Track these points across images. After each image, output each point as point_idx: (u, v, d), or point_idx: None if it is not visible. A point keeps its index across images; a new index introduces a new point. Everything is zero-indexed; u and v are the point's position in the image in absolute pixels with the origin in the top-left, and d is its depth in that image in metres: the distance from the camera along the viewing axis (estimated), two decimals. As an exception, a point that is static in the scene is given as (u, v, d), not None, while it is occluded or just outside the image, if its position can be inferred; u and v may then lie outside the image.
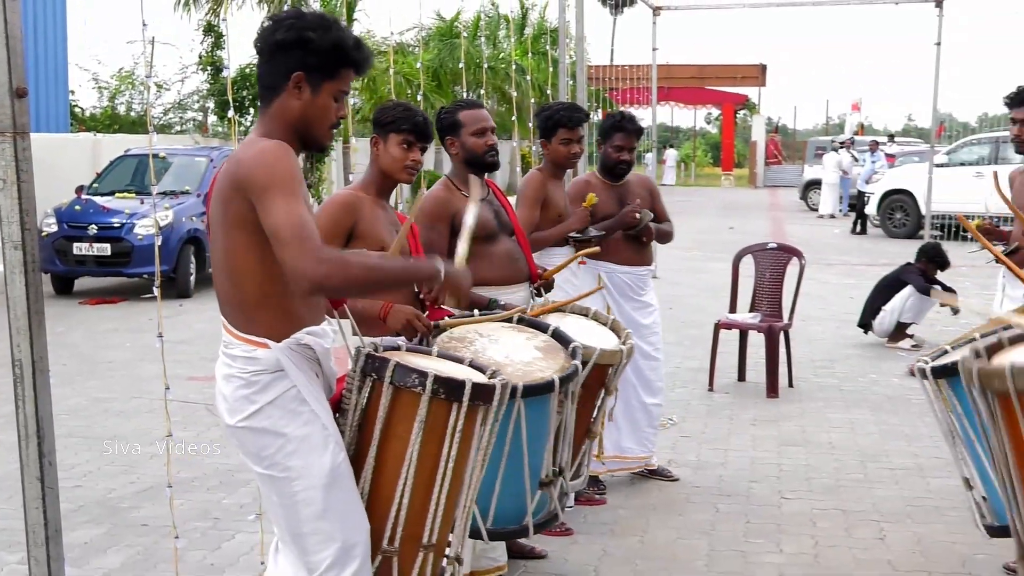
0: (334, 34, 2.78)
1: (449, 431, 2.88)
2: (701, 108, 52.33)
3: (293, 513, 2.80)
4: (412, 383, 2.81)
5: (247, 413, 2.78)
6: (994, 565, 4.64)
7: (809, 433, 6.93)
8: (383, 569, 2.92)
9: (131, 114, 27.30)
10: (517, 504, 3.81)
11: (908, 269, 9.76)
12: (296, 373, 2.77)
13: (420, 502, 2.91)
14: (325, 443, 2.79)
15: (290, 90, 2.79)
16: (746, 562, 4.77)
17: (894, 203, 21.29)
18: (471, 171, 4.51)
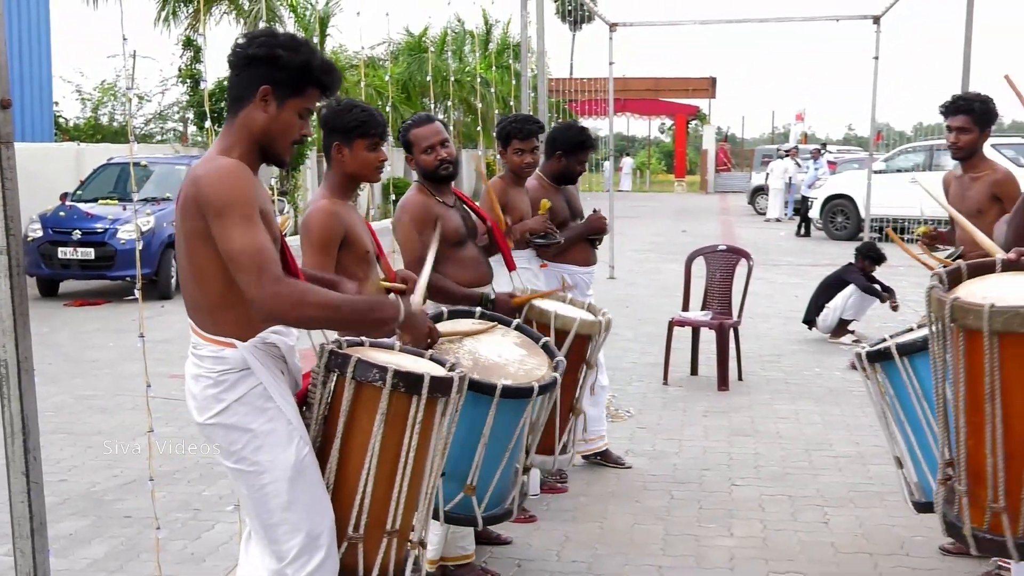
0: (303, 54, 2.78)
1: (410, 423, 2.88)
2: (655, 119, 52.68)
3: (261, 505, 2.80)
4: (373, 378, 2.82)
5: (215, 411, 2.77)
6: (931, 547, 4.69)
7: (758, 423, 6.97)
8: (349, 554, 2.93)
9: (113, 124, 26.99)
10: (505, 490, 3.87)
11: (849, 269, 9.84)
12: (262, 371, 2.77)
13: (383, 491, 2.91)
14: (290, 438, 2.79)
15: (257, 102, 2.77)
16: (699, 545, 4.79)
17: (836, 207, 21.46)
18: (430, 184, 4.49)
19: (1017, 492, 2.70)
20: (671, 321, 8.34)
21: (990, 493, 2.73)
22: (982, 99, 4.97)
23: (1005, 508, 2.71)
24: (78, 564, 4.59)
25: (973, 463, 2.76)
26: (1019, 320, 2.58)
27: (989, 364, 2.65)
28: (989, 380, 2.66)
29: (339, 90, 3.02)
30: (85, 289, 13.73)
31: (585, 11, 13.33)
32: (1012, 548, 2.72)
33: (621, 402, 7.32)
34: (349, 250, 3.67)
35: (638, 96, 42.11)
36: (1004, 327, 2.61)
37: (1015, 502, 2.70)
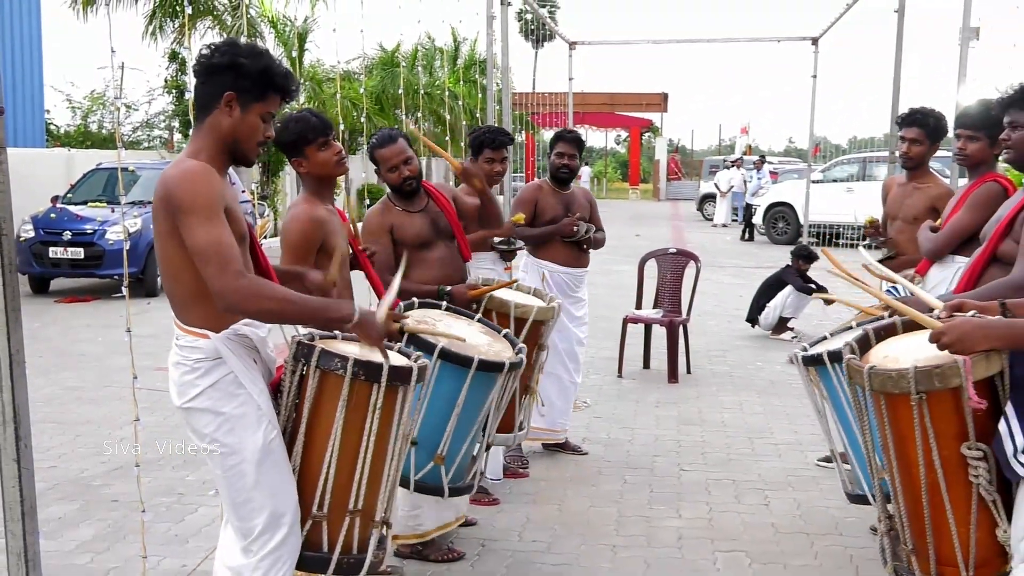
0: (264, 61, 2.80)
1: (370, 409, 2.90)
2: (611, 131, 52.80)
3: (230, 484, 2.83)
4: (335, 367, 2.84)
5: (191, 395, 2.79)
6: (862, 526, 4.73)
7: (704, 413, 7.01)
8: (314, 532, 2.94)
9: (102, 131, 26.63)
10: (466, 465, 3.93)
11: (788, 271, 9.92)
12: (233, 360, 2.78)
13: (346, 473, 2.92)
14: (259, 422, 2.81)
15: (222, 108, 2.79)
16: (650, 526, 4.81)
17: (777, 214, 21.65)
18: (397, 195, 4.51)
19: (923, 535, 2.69)
20: (625, 318, 8.38)
21: (900, 533, 2.74)
22: (936, 115, 4.97)
23: (913, 549, 2.73)
24: (67, 546, 4.53)
25: (913, 518, 2.73)
26: (891, 383, 2.58)
27: (880, 418, 2.65)
28: (881, 433, 2.67)
29: (317, 102, 3.03)
30: (75, 287, 13.57)
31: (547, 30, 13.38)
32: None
33: (579, 393, 7.31)
34: (326, 254, 3.64)
35: (596, 110, 42.16)
36: (880, 388, 2.61)
37: (922, 544, 2.70)
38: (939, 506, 2.63)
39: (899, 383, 2.56)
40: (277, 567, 2.84)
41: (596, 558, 4.41)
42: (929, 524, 2.66)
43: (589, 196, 6.09)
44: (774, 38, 12.99)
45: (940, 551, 2.67)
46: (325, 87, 23.03)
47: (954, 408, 2.54)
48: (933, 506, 2.64)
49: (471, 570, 4.27)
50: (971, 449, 2.55)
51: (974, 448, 2.54)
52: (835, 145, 31.58)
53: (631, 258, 10.03)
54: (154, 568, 4.16)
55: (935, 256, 4.37)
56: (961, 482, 2.59)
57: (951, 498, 2.61)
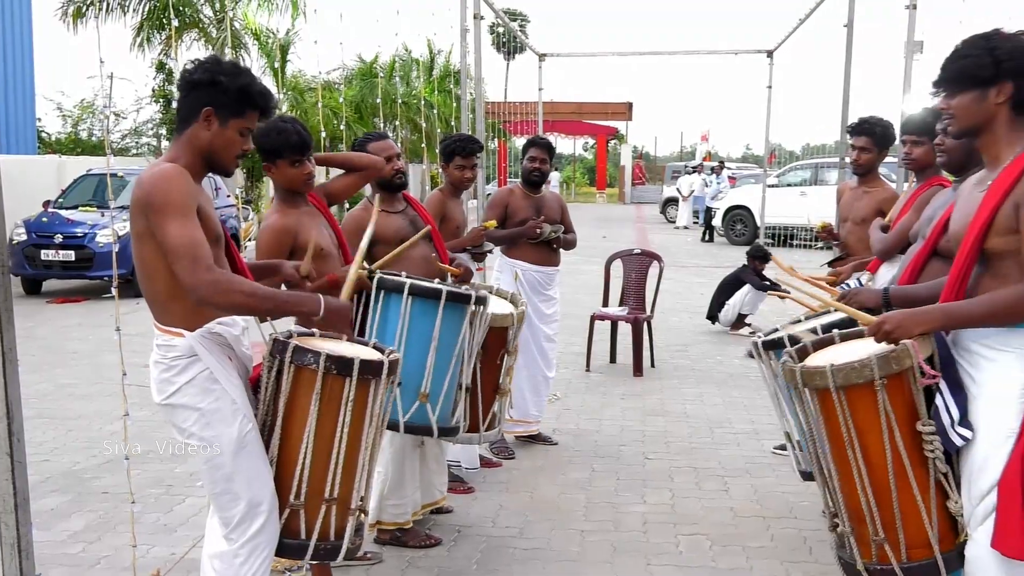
0: (242, 80, 2.80)
1: (343, 402, 2.90)
2: (579, 138, 52.76)
3: (210, 475, 2.84)
4: (309, 362, 2.85)
5: (169, 392, 2.79)
6: (815, 510, 4.75)
7: (667, 405, 7.03)
8: (292, 520, 2.95)
9: (92, 139, 26.36)
10: (451, 404, 3.93)
11: (745, 270, 9.98)
12: (208, 357, 2.78)
13: (321, 463, 2.92)
14: (234, 416, 2.81)
15: (200, 122, 2.80)
16: (616, 512, 4.82)
17: (735, 217, 21.76)
18: (382, 191, 4.50)
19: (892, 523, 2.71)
20: (592, 315, 8.39)
21: (869, 527, 2.75)
22: (883, 124, 5.00)
23: (885, 539, 2.73)
24: (59, 536, 4.48)
25: (852, 505, 2.78)
26: (855, 373, 2.63)
27: (842, 416, 2.69)
28: (845, 430, 2.70)
29: (299, 110, 3.03)
30: (66, 288, 13.43)
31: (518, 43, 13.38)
32: (900, 573, 2.72)
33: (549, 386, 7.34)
34: (301, 254, 3.62)
35: (564, 118, 42.19)
36: (844, 381, 2.66)
37: (892, 533, 2.72)
38: (906, 488, 2.67)
39: (862, 372, 2.62)
40: (257, 553, 2.85)
41: (566, 542, 4.41)
42: (898, 510, 2.69)
43: (560, 201, 6.09)
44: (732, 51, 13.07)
45: (909, 534, 2.70)
46: (307, 96, 22.90)
47: (906, 390, 2.64)
48: (900, 489, 2.67)
49: (447, 555, 4.26)
50: (925, 425, 2.63)
51: (927, 423, 2.63)
52: (789, 152, 31.87)
53: (598, 258, 10.05)
54: (143, 557, 4.12)
55: (885, 255, 4.41)
56: (920, 461, 2.66)
57: (916, 477, 2.66)
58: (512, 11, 54.94)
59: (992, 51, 2.58)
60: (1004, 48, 2.57)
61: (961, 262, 2.71)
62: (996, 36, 2.62)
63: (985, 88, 2.62)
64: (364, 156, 4.20)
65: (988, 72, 2.59)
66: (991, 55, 2.58)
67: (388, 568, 4.11)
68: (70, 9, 19.32)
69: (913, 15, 6.81)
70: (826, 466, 2.82)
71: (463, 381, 4.00)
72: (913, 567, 2.70)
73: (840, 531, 2.87)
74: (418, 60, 29.84)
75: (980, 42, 2.63)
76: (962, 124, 2.71)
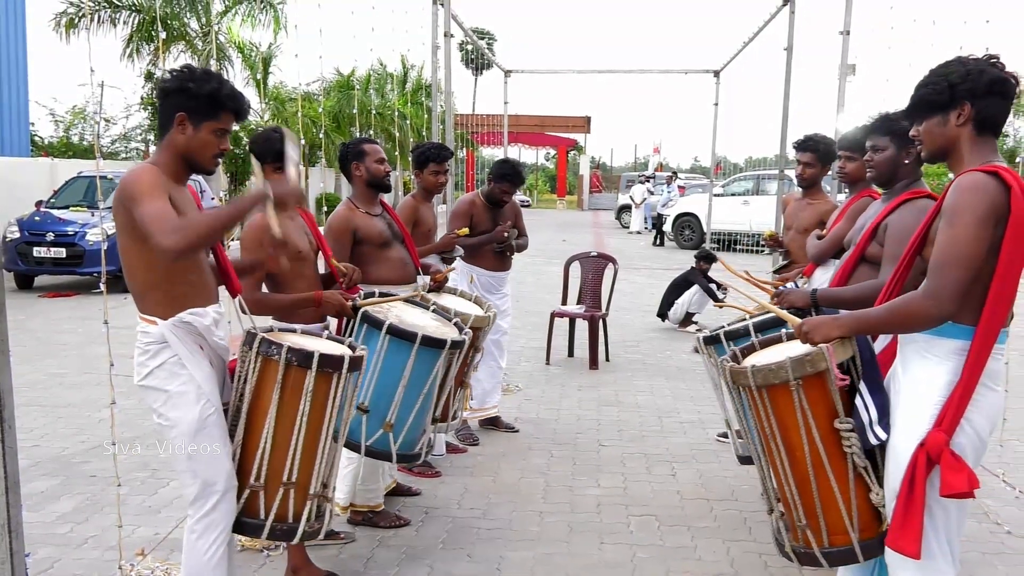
0: (211, 85, 2.81)
1: (304, 392, 2.90)
2: (541, 149, 52.80)
3: (174, 455, 2.88)
4: (272, 353, 2.87)
5: (143, 374, 2.85)
6: (754, 493, 4.80)
7: (621, 396, 7.06)
8: (252, 500, 2.95)
9: (83, 143, 25.89)
10: (415, 436, 3.88)
11: (693, 272, 10.05)
12: (177, 344, 2.81)
13: (281, 448, 2.92)
14: (197, 400, 2.83)
15: (176, 127, 2.83)
16: (573, 494, 4.83)
17: (684, 223, 21.90)
18: (371, 191, 4.46)
19: (813, 510, 2.72)
20: (552, 313, 8.40)
21: (795, 514, 2.77)
22: (826, 142, 5.05)
23: (807, 525, 2.76)
24: (49, 517, 4.40)
25: (780, 493, 2.81)
26: (772, 375, 2.65)
27: (765, 413, 2.71)
28: (768, 425, 2.72)
29: (280, 119, 3.01)
30: (57, 283, 13.19)
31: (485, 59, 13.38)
32: (820, 557, 2.75)
33: (511, 379, 7.34)
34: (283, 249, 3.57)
35: (528, 130, 42.24)
36: (763, 382, 2.68)
37: (814, 520, 2.73)
38: (824, 480, 2.68)
39: (779, 373, 2.63)
40: (211, 530, 2.87)
41: (526, 523, 4.41)
42: (818, 500, 2.70)
43: (516, 207, 6.09)
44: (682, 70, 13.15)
45: (830, 522, 2.72)
46: (287, 106, 22.70)
47: (823, 390, 2.64)
48: (819, 481, 2.68)
49: (415, 535, 4.24)
50: (842, 423, 2.63)
51: (844, 422, 2.63)
52: (734, 163, 32.05)
53: (558, 260, 10.07)
54: (129, 536, 4.06)
55: (819, 260, 4.46)
56: (839, 455, 2.66)
57: (833, 471, 2.66)
58: (480, 30, 54.85)
59: (947, 76, 2.57)
60: (958, 72, 2.56)
61: (898, 268, 2.73)
62: (953, 62, 2.61)
63: (946, 112, 2.59)
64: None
65: (945, 97, 2.57)
66: (946, 80, 2.57)
67: (360, 546, 4.09)
68: (63, 20, 18.99)
69: (846, 40, 6.90)
70: (758, 456, 2.85)
71: (435, 414, 3.97)
72: (832, 552, 2.72)
73: (774, 515, 2.90)
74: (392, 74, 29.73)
75: (938, 70, 2.62)
76: (930, 148, 2.68)
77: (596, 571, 3.87)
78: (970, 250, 2.39)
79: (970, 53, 2.66)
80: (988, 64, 2.56)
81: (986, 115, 2.55)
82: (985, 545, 4.15)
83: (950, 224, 2.44)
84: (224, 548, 2.90)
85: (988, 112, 2.55)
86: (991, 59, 2.59)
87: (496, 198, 5.79)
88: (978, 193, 2.41)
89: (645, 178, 29.75)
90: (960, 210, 2.42)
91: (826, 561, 2.74)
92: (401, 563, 3.92)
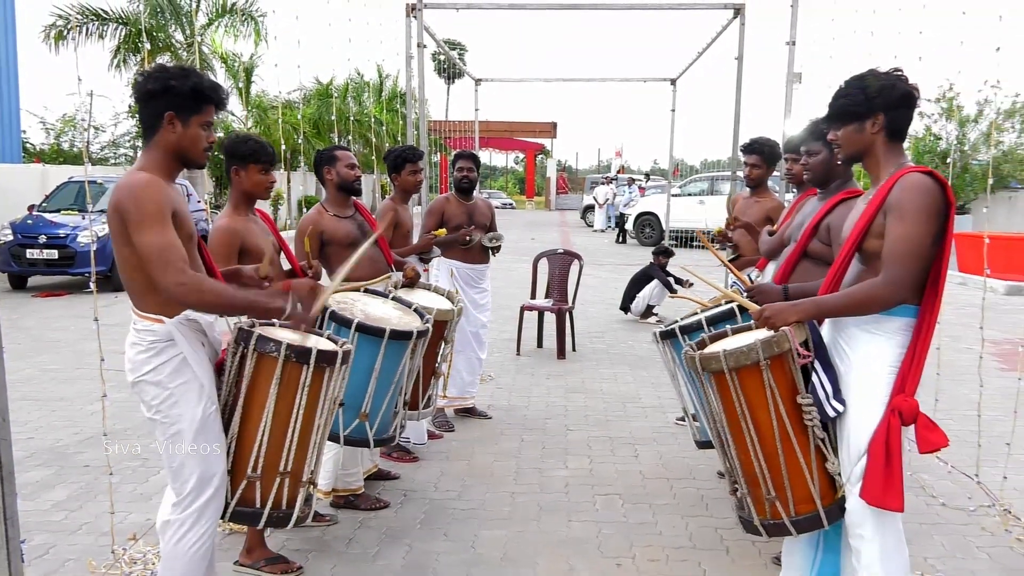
0: (192, 80, 2.71)
1: (300, 386, 2.86)
2: (511, 153, 52.90)
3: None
4: (270, 350, 2.81)
5: (144, 371, 2.71)
6: (710, 472, 4.86)
7: (587, 383, 7.08)
8: (248, 490, 2.90)
9: (73, 149, 25.45)
10: (388, 421, 3.88)
11: (652, 267, 10.09)
12: (183, 342, 2.72)
13: (277, 440, 2.88)
14: (200, 398, 2.75)
15: (166, 126, 2.71)
16: (542, 476, 4.85)
17: (644, 221, 22.02)
18: (342, 194, 4.46)
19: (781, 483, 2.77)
20: (522, 307, 8.41)
21: (762, 488, 2.81)
22: (771, 144, 5.09)
23: (776, 497, 2.78)
24: (44, 505, 4.33)
25: (747, 471, 2.84)
26: (744, 356, 2.71)
27: (735, 394, 2.76)
28: (738, 405, 2.76)
29: (262, 126, 2.96)
30: (50, 283, 12.99)
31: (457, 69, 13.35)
32: (789, 526, 2.80)
33: (484, 369, 7.32)
34: (249, 257, 3.55)
35: (497, 135, 42.22)
36: (735, 363, 2.73)
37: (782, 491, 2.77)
38: (791, 452, 2.74)
39: (749, 355, 2.70)
40: (201, 522, 2.79)
41: (498, 503, 4.42)
42: (785, 472, 2.76)
43: (490, 206, 6.10)
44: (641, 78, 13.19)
45: (796, 492, 2.78)
46: (269, 114, 22.49)
47: (786, 369, 2.73)
48: (786, 454, 2.74)
49: (395, 516, 4.24)
50: (803, 399, 2.72)
51: (805, 397, 2.72)
52: (690, 166, 32.28)
53: (527, 257, 10.08)
54: (121, 523, 4.01)
55: (770, 256, 4.50)
56: (801, 429, 2.74)
57: (798, 443, 2.74)
58: (452, 41, 54.64)
59: (864, 89, 2.70)
60: (874, 86, 2.69)
61: (840, 260, 2.82)
62: (869, 75, 2.73)
63: (862, 121, 2.73)
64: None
65: (863, 108, 2.71)
66: (863, 93, 2.70)
67: (343, 528, 4.07)
68: (52, 32, 18.65)
69: (792, 50, 6.97)
70: (725, 439, 2.87)
71: (405, 397, 3.95)
72: (800, 519, 2.78)
73: (739, 495, 2.93)
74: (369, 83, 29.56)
75: (855, 82, 2.74)
76: (847, 151, 2.81)
77: (565, 547, 3.89)
78: (925, 243, 2.57)
79: (894, 67, 2.77)
80: (897, 78, 2.71)
81: (896, 124, 2.72)
82: (922, 517, 4.22)
83: (902, 220, 2.57)
84: (211, 542, 2.84)
85: (898, 121, 2.71)
86: (898, 72, 2.72)
87: (459, 182, 5.82)
88: (926, 193, 2.57)
89: (609, 180, 29.84)
90: (913, 208, 2.56)
91: (795, 529, 2.80)
92: (382, 543, 3.92)
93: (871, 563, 2.67)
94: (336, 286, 3.43)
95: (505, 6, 8.02)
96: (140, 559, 3.65)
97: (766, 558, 3.74)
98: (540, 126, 45.41)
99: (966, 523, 4.17)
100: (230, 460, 2.88)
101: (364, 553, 3.80)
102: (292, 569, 3.56)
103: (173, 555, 2.79)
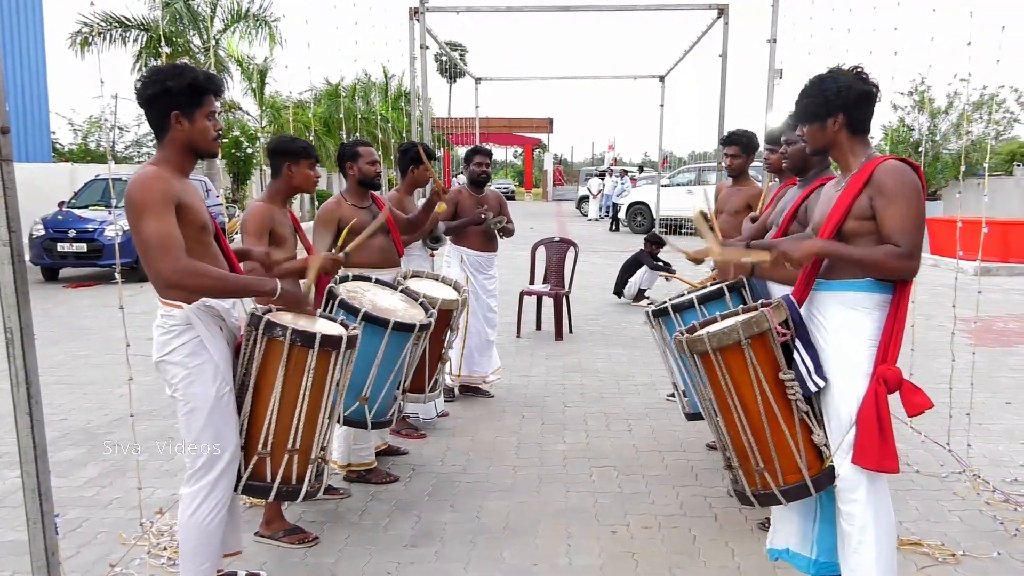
0: (187, 76, 2.65)
1: (306, 369, 2.86)
2: (510, 147, 52.73)
3: (187, 425, 2.76)
4: (277, 334, 2.81)
5: (165, 352, 2.71)
6: (700, 445, 4.86)
7: (583, 363, 7.08)
8: (259, 466, 2.91)
9: (99, 149, 25.41)
10: (387, 406, 3.87)
11: (643, 254, 10.07)
12: (200, 327, 2.71)
13: (286, 419, 2.88)
14: (215, 378, 2.74)
15: (174, 126, 2.67)
16: (542, 451, 4.85)
17: (636, 210, 21.93)
18: (362, 188, 4.44)
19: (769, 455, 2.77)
20: (521, 292, 8.40)
21: (752, 461, 2.80)
22: (749, 135, 5.07)
23: (765, 469, 2.79)
24: (76, 482, 4.34)
25: (737, 445, 2.85)
26: (726, 336, 2.71)
27: (720, 373, 2.74)
28: (724, 384, 2.76)
29: (276, 125, 2.95)
30: (79, 275, 12.98)
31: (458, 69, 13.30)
32: (779, 495, 2.80)
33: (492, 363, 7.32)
34: (273, 240, 3.59)
35: (497, 131, 42.07)
36: (718, 344, 2.73)
37: (770, 463, 2.78)
38: (776, 426, 2.75)
39: (731, 335, 2.70)
40: (213, 495, 2.79)
41: (501, 476, 4.43)
42: (772, 445, 2.76)
43: (501, 197, 6.07)
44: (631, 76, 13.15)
45: (783, 463, 2.78)
46: (282, 113, 22.40)
47: (767, 347, 2.72)
48: (772, 428, 2.74)
49: (404, 489, 4.24)
50: (785, 375, 2.71)
51: (787, 373, 2.71)
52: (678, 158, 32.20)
53: (526, 245, 10.05)
54: (148, 498, 4.02)
55: None
56: (785, 404, 2.74)
57: (783, 417, 2.74)
58: (453, 42, 54.42)
59: (824, 92, 2.72)
60: (832, 89, 2.71)
61: (821, 239, 2.80)
62: (828, 78, 2.75)
63: (824, 120, 2.76)
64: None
65: (823, 109, 2.74)
66: (823, 95, 2.72)
67: (355, 501, 4.08)
68: (78, 39, 18.56)
69: (773, 48, 6.94)
70: (714, 416, 2.87)
71: (404, 384, 3.92)
72: (789, 489, 2.79)
73: (732, 469, 2.93)
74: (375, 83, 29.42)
75: (816, 84, 2.76)
76: (812, 147, 2.85)
77: (563, 516, 3.90)
78: (923, 218, 2.61)
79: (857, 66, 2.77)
80: (856, 78, 2.71)
81: (856, 120, 2.74)
82: (898, 483, 4.22)
83: (897, 199, 2.58)
84: (223, 514, 2.83)
85: (858, 118, 2.73)
86: (858, 72, 2.73)
87: (476, 176, 5.77)
88: (911, 176, 2.61)
89: (602, 172, 29.76)
90: (904, 189, 2.59)
91: (784, 498, 2.81)
92: (392, 514, 3.92)
93: (866, 524, 2.69)
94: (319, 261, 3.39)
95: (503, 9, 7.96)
96: (167, 531, 3.66)
97: (752, 524, 3.75)
98: (537, 122, 45.24)
99: (939, 488, 4.18)
100: (243, 437, 2.88)
101: (376, 524, 3.81)
102: (308, 539, 3.57)
103: (188, 526, 2.80)
